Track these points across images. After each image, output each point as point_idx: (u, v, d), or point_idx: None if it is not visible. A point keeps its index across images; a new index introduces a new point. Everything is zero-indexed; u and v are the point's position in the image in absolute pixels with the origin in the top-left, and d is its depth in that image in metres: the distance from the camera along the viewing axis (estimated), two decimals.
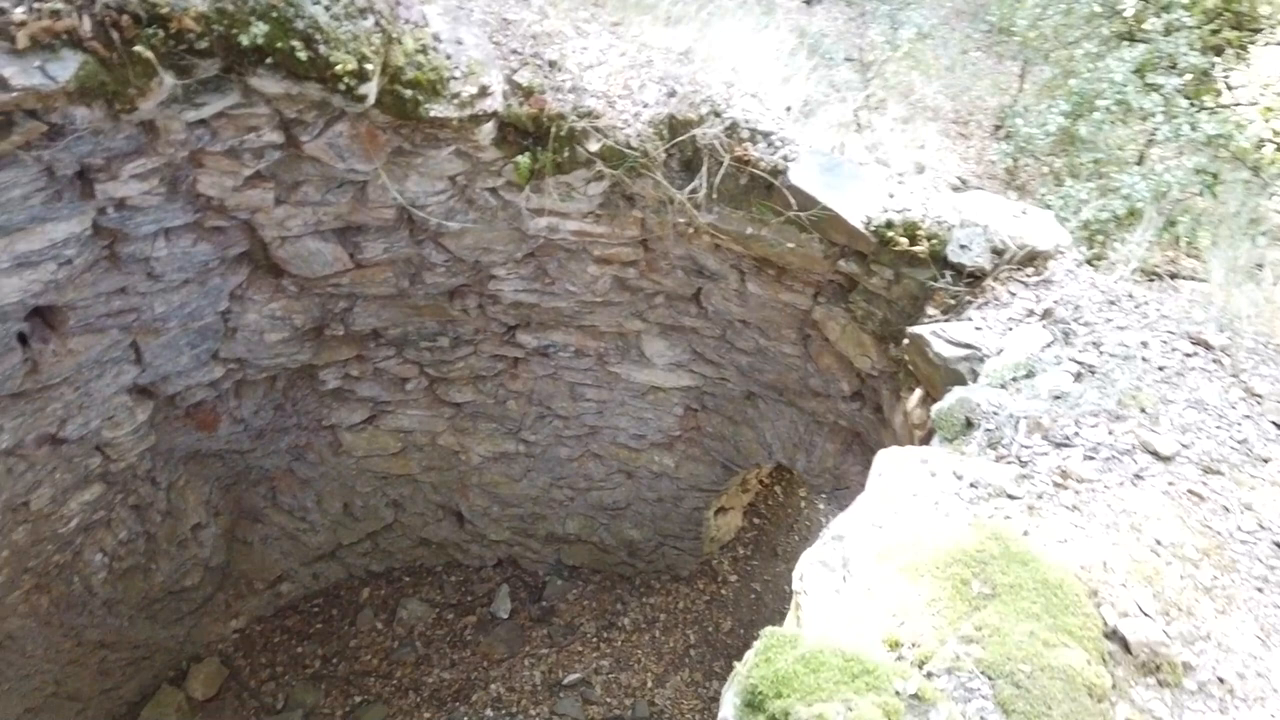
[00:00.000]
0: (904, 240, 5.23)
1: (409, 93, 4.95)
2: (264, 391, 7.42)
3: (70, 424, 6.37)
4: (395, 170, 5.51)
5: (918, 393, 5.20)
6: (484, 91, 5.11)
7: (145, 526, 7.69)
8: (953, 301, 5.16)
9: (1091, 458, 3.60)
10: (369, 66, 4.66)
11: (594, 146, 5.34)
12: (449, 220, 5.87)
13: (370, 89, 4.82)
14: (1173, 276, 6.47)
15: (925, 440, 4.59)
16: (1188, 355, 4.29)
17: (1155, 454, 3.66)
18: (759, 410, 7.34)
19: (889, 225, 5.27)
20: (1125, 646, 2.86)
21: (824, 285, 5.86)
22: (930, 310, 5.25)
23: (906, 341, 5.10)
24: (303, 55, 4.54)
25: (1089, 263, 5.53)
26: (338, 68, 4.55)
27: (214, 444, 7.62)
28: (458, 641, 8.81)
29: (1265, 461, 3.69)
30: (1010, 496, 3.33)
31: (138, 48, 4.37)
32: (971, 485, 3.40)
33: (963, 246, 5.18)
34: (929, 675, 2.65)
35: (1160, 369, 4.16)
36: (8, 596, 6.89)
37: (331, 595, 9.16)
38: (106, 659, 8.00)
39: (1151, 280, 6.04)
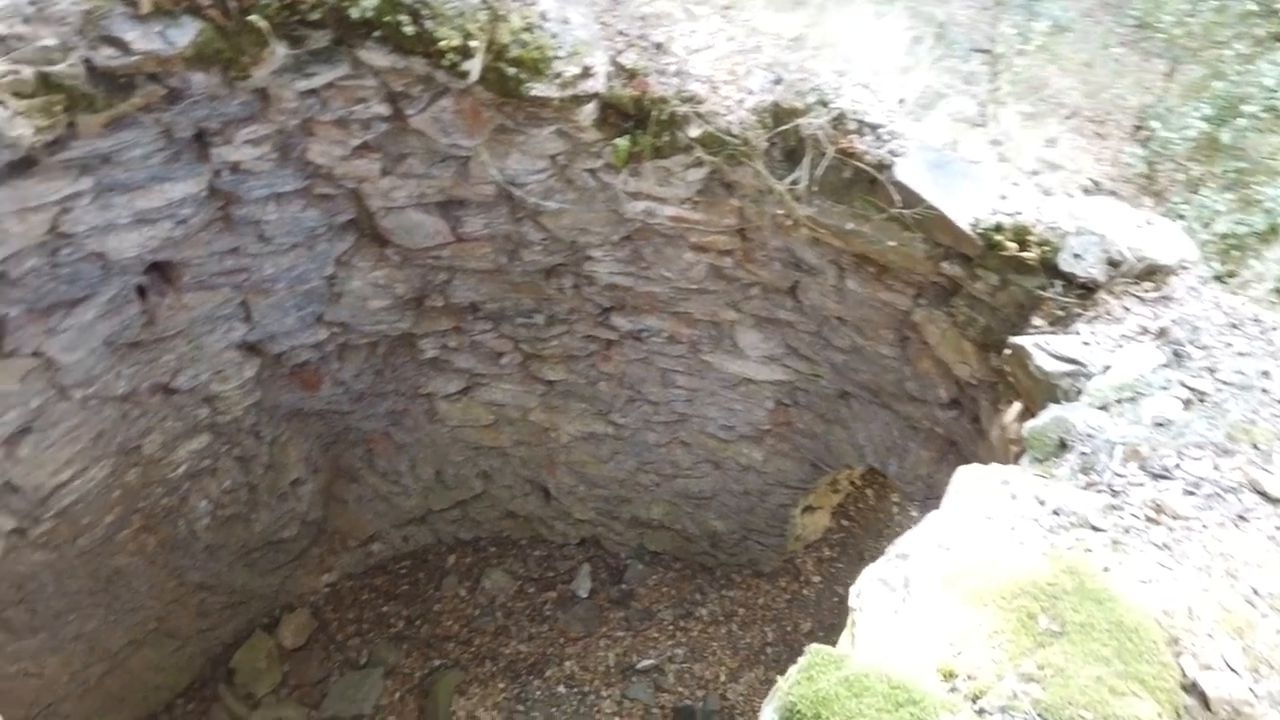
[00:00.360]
0: (1013, 245, 4.99)
1: (512, 71, 4.96)
2: (365, 356, 7.60)
3: (182, 375, 6.64)
4: (497, 147, 5.53)
5: (1016, 406, 4.97)
6: (587, 72, 5.07)
7: (248, 478, 7.98)
8: (1061, 313, 4.90)
9: (1191, 493, 3.37)
10: (473, 43, 4.68)
11: (694, 132, 5.25)
12: (547, 200, 5.88)
13: (474, 66, 4.84)
14: None
15: (1020, 457, 4.39)
16: None
17: (1264, 495, 3.40)
18: (852, 410, 7.16)
19: (998, 228, 5.04)
20: (1204, 702, 2.66)
21: (926, 287, 5.66)
22: (1036, 321, 5.00)
23: (1008, 352, 4.87)
24: (409, 30, 4.59)
25: (1217, 279, 5.19)
26: (442, 44, 4.58)
27: (316, 404, 7.86)
28: (536, 616, 8.90)
29: None
30: (1094, 528, 3.13)
31: (253, 17, 4.48)
32: (1054, 512, 3.22)
33: (1076, 256, 4.91)
34: (981, 712, 2.52)
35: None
36: (118, 534, 7.25)
37: (419, 558, 9.36)
38: (205, 601, 8.37)
39: None
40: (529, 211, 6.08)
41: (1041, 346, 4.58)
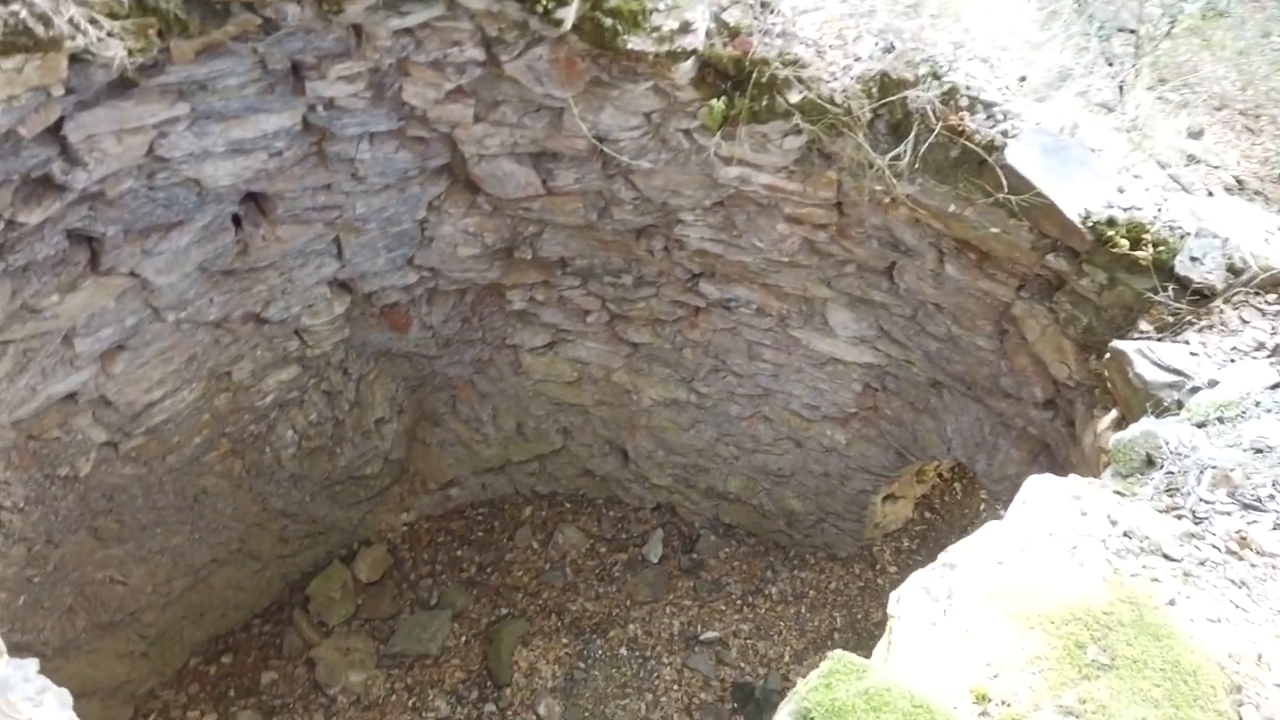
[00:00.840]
0: (1125, 242, 4.63)
1: (609, 22, 4.81)
2: (454, 303, 7.62)
3: (273, 306, 6.77)
4: (591, 100, 5.40)
5: (1112, 414, 4.65)
6: (686, 28, 4.88)
7: (334, 412, 8.14)
8: (1170, 319, 4.54)
9: None
10: None
11: (794, 98, 5.02)
12: (640, 158, 5.73)
13: (568, 14, 4.71)
14: None
15: (1105, 470, 4.09)
16: None
17: None
18: (943, 401, 6.86)
19: (1110, 223, 4.69)
20: None
21: (1029, 279, 5.33)
22: (1143, 325, 4.65)
23: (1108, 355, 4.55)
24: None
25: None
26: None
27: (404, 345, 7.94)
28: (605, 576, 8.89)
29: None
30: (1166, 556, 2.87)
31: None
32: (1125, 534, 2.97)
33: (1194, 259, 4.54)
34: None
35: None
36: (206, 455, 7.48)
37: (496, 507, 9.44)
38: (287, 528, 8.61)
39: None
40: (621, 169, 5.94)
41: (1144, 353, 4.26)
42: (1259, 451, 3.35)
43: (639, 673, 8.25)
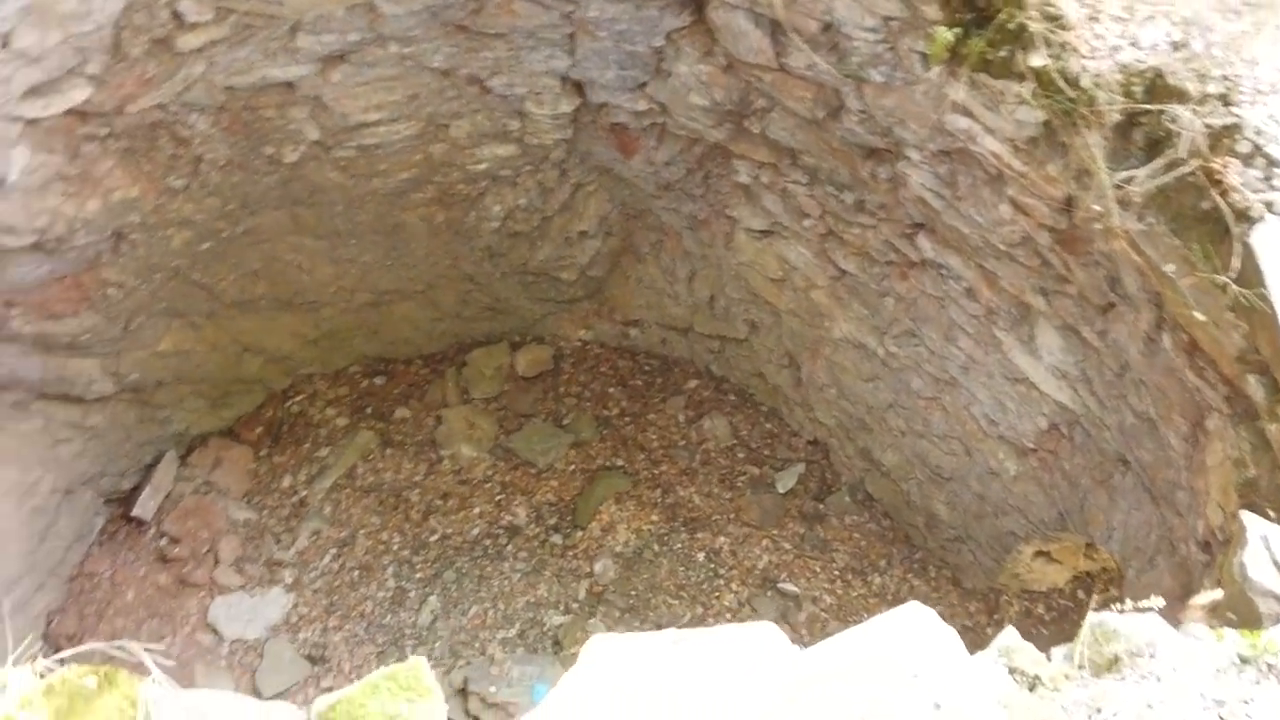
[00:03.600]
0: None
1: None
2: (681, 149, 7.21)
3: (498, 78, 6.69)
4: None
5: (1214, 595, 3.58)
6: None
7: (543, 207, 8.11)
8: None
9: None
10: None
11: (1036, 61, 4.01)
12: (870, 67, 4.92)
13: None
14: None
15: None
16: None
17: None
18: (1124, 483, 5.70)
19: None
20: None
21: (1238, 394, 4.14)
22: None
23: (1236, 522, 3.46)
24: None
25: None
26: None
27: (626, 171, 7.67)
28: (727, 480, 8.50)
29: None
30: None
31: None
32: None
33: None
34: None
35: None
36: (411, 193, 7.73)
37: (666, 365, 9.21)
38: (470, 293, 8.87)
39: None
40: (851, 71, 5.15)
41: (1267, 541, 3.18)
42: None
43: (702, 584, 7.94)
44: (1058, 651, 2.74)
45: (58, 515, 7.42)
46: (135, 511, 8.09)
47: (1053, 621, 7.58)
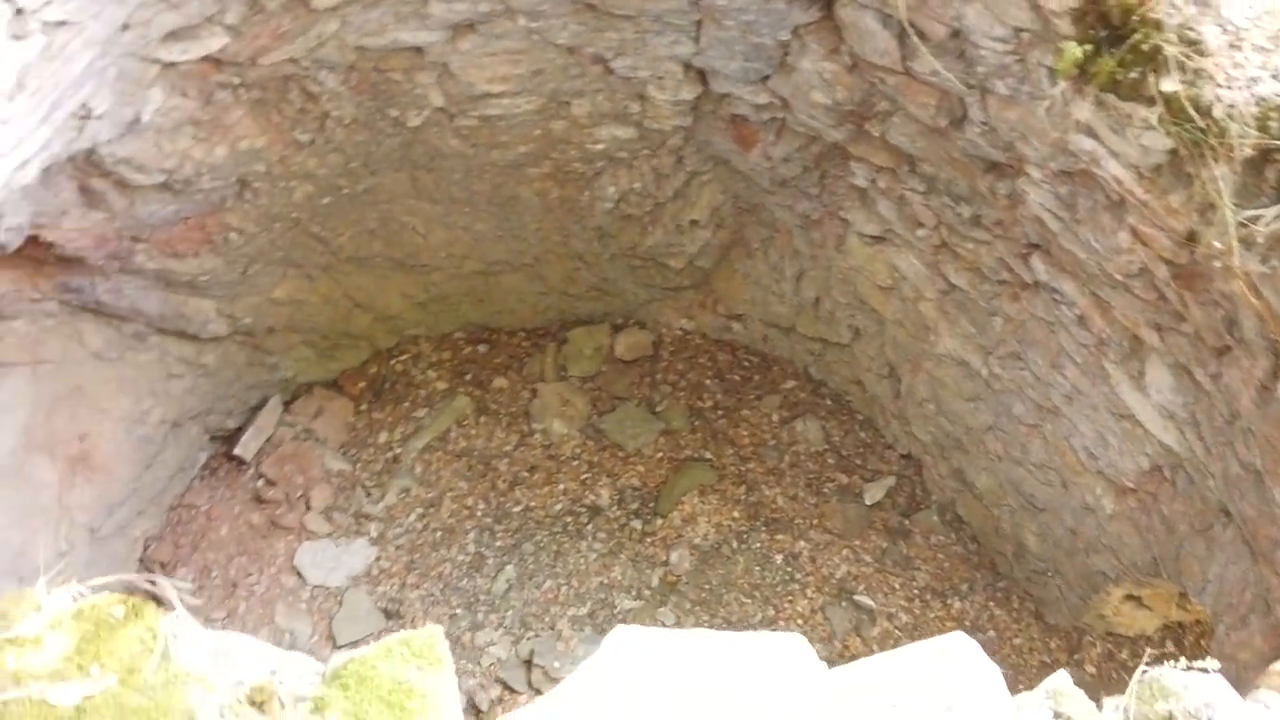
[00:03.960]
0: None
1: None
2: (799, 146, 7.10)
3: (621, 60, 6.70)
4: None
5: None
6: None
7: (657, 193, 8.11)
8: None
9: None
10: None
11: (1168, 86, 3.80)
12: (996, 79, 4.75)
13: None
14: None
15: None
16: None
17: None
18: (1224, 536, 5.41)
19: None
20: None
21: None
22: None
23: None
24: None
25: None
26: None
27: (743, 164, 7.61)
28: (814, 486, 8.39)
29: None
30: None
31: None
32: None
33: None
34: None
35: None
36: (528, 168, 7.82)
37: (765, 362, 9.13)
38: (577, 271, 8.95)
39: None
40: (977, 81, 4.98)
41: None
42: None
43: (777, 586, 7.86)
44: (1110, 702, 2.62)
45: (164, 446, 7.80)
46: (237, 451, 8.45)
47: (1136, 669, 7.23)
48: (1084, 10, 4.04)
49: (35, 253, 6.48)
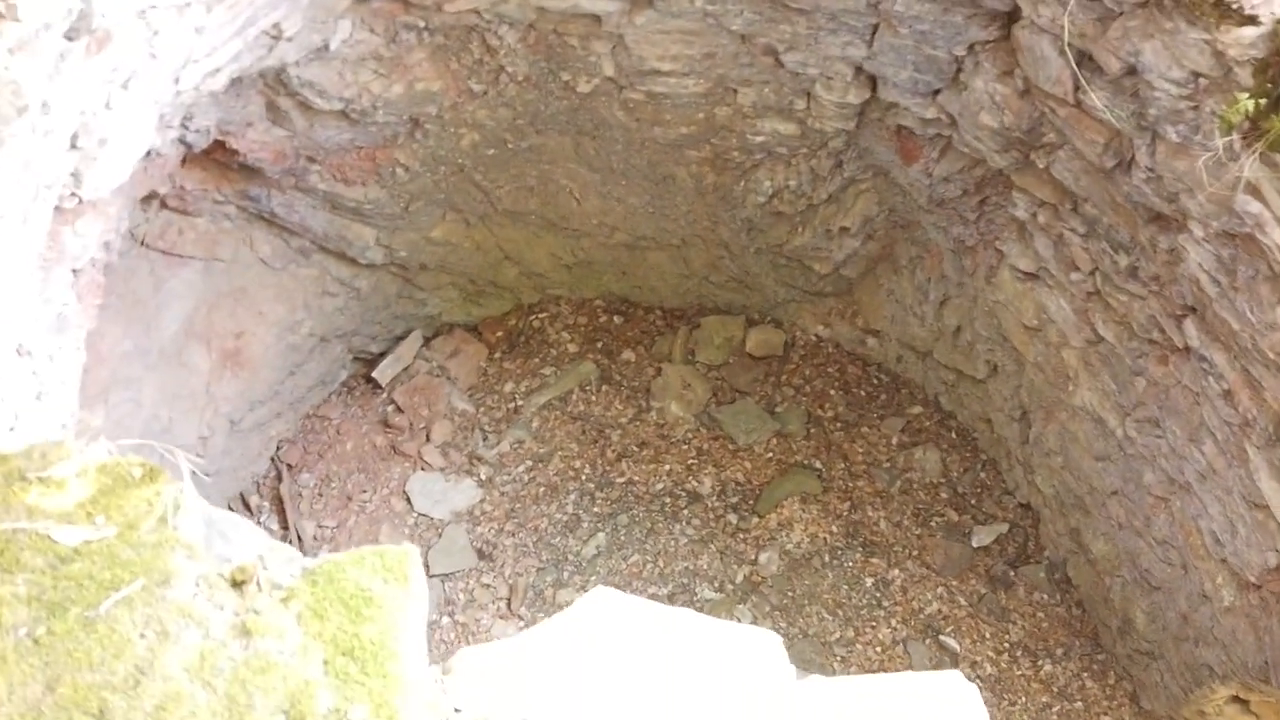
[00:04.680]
0: None
1: None
2: (962, 166, 6.88)
3: (792, 54, 6.65)
4: (1146, 24, 4.25)
5: None
6: None
7: (811, 194, 8.01)
8: None
9: None
10: None
11: None
12: (1166, 123, 4.48)
13: None
14: None
15: None
16: None
17: None
18: None
19: None
20: None
21: None
22: None
23: None
24: None
25: None
26: None
27: (902, 177, 7.43)
28: (922, 514, 8.15)
29: None
30: None
31: None
32: None
33: None
34: None
35: None
36: (687, 150, 7.87)
37: (895, 383, 8.91)
38: (721, 260, 8.95)
39: None
40: (1148, 124, 4.70)
41: None
42: None
43: (862, 609, 7.70)
44: None
45: (309, 357, 8.29)
46: (374, 374, 8.90)
47: None
48: (1268, 62, 3.76)
49: (222, 157, 6.99)
